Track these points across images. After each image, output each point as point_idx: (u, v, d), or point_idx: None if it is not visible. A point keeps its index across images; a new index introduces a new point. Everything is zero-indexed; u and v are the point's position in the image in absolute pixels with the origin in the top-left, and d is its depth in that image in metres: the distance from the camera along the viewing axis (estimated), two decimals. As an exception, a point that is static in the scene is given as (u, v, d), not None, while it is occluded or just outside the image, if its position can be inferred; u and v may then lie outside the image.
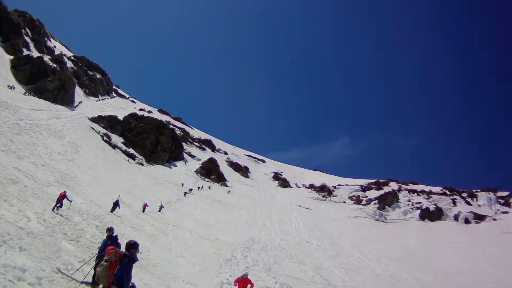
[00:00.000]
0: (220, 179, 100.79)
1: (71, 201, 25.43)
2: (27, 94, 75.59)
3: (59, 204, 24.12)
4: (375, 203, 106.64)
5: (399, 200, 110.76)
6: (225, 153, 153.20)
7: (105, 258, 10.18)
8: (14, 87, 74.69)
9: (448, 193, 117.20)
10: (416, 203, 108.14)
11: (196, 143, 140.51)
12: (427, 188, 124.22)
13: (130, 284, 10.19)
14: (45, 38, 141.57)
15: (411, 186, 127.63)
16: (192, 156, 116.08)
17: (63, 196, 24.57)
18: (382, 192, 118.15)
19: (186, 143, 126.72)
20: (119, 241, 14.01)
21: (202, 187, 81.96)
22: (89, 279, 13.75)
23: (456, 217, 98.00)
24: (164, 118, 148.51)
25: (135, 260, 10.10)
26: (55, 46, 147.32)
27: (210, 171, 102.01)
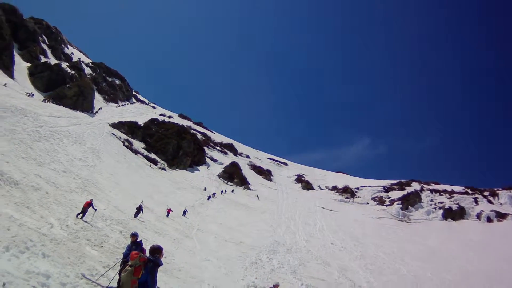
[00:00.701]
0: (243, 182, 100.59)
1: (96, 210, 25.25)
2: (45, 101, 75.93)
3: (83, 212, 23.93)
4: (398, 204, 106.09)
5: (422, 200, 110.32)
6: (247, 156, 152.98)
7: (129, 263, 9.89)
8: (33, 94, 75.05)
9: (470, 192, 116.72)
10: (438, 202, 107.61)
11: (218, 147, 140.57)
12: (449, 188, 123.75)
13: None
14: (62, 45, 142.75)
15: (433, 186, 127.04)
16: (214, 160, 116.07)
17: (89, 204, 24.40)
18: (404, 192, 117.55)
19: (208, 148, 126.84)
20: (143, 246, 13.72)
21: (225, 190, 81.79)
22: (114, 285, 13.45)
23: (478, 216, 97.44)
24: (185, 123, 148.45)
25: (159, 264, 9.87)
26: (72, 53, 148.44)
27: (232, 174, 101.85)
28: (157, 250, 10.11)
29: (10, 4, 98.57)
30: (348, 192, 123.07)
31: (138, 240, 14.06)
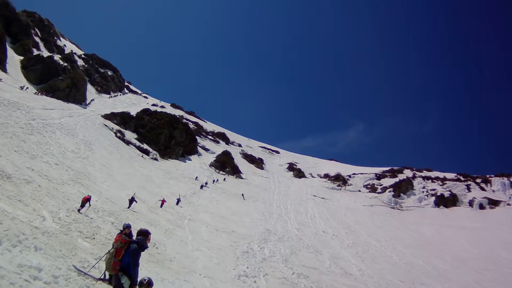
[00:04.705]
0: (235, 171, 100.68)
1: (90, 206, 25.65)
2: (38, 93, 75.88)
3: (82, 206, 24.60)
4: (390, 191, 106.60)
5: (414, 187, 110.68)
6: (239, 145, 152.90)
7: (114, 245, 10.18)
8: (27, 88, 75.05)
9: (462, 179, 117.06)
10: (430, 190, 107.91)
11: (210, 137, 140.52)
12: (441, 175, 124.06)
13: (137, 270, 10.07)
14: (55, 38, 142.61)
15: (425, 173, 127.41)
16: (206, 150, 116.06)
17: (87, 199, 25.09)
18: (396, 179, 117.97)
19: (200, 137, 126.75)
20: (133, 237, 13.99)
21: (217, 180, 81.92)
22: (107, 276, 13.74)
23: (470, 203, 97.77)
24: (177, 112, 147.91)
25: (144, 246, 10.06)
26: (65, 45, 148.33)
27: (224, 163, 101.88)
28: (143, 233, 10.34)
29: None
30: (340, 179, 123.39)
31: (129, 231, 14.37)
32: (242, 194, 71.62)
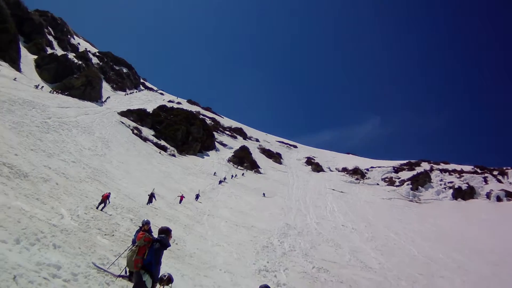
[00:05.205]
0: (253, 166, 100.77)
1: (109, 203, 25.70)
2: (53, 92, 75.96)
3: (103, 204, 24.74)
4: (408, 184, 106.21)
5: (432, 180, 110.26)
6: (257, 140, 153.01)
7: (136, 243, 9.97)
8: (42, 87, 75.18)
9: (479, 171, 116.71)
10: (448, 182, 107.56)
11: (227, 132, 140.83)
12: (458, 167, 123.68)
13: (159, 268, 9.88)
14: (69, 36, 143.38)
15: (442, 166, 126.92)
16: (224, 145, 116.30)
17: (106, 196, 25.18)
18: (414, 172, 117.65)
19: (217, 132, 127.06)
20: (152, 233, 13.80)
21: (235, 175, 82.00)
22: (127, 273, 13.55)
23: (488, 195, 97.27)
24: (194, 108, 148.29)
25: (166, 245, 9.85)
26: (79, 43, 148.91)
27: (242, 159, 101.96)
28: (165, 231, 10.14)
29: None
30: (358, 173, 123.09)
31: (149, 227, 14.18)
32: (264, 194, 70.62)
